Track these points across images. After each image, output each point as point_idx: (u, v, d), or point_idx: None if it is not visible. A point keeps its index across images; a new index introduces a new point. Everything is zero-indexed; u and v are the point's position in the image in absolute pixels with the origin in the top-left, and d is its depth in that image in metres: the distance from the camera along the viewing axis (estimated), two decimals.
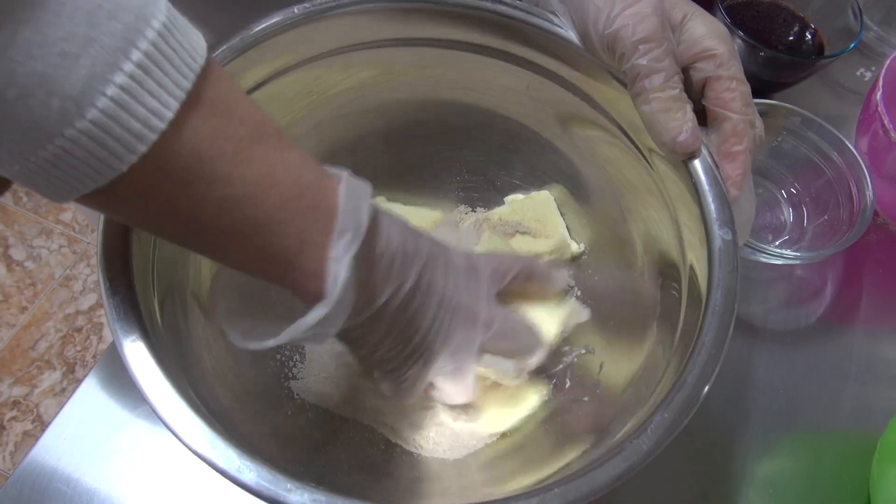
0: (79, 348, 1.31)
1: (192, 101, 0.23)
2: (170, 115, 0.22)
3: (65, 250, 1.43)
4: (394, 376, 0.36)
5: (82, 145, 0.21)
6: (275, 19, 0.37)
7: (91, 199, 0.24)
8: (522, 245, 0.48)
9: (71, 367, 1.29)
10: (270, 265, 0.28)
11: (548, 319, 0.42)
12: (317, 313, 0.28)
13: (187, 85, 0.23)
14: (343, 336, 0.33)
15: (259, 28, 0.37)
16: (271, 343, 0.29)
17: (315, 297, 0.28)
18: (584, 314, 0.45)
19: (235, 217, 0.26)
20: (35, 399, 1.26)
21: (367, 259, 0.30)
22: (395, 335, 0.33)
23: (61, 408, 0.44)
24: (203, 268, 0.39)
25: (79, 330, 1.33)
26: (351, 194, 0.28)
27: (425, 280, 0.33)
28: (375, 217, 0.30)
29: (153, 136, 0.22)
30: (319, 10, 0.38)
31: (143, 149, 0.22)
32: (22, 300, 1.36)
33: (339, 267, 0.27)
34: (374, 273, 0.30)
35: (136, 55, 0.21)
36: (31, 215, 1.46)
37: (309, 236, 0.28)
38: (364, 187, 0.30)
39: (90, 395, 0.44)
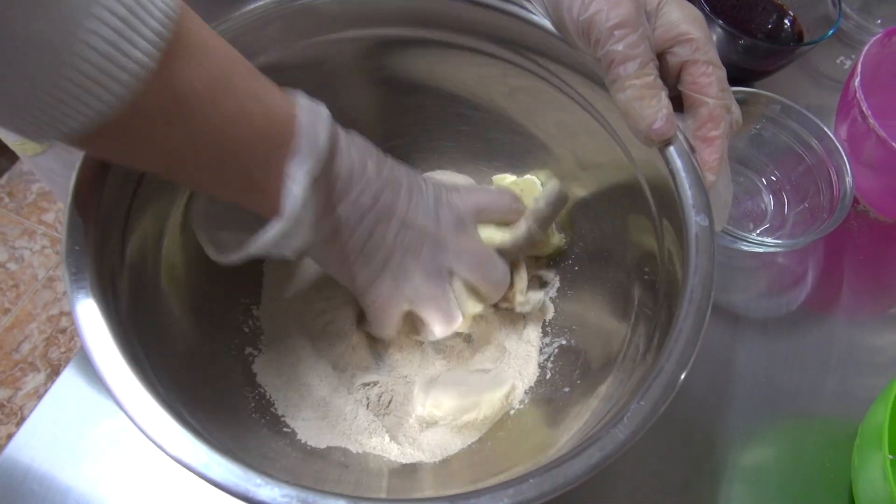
0: (63, 350, 1.30)
1: (170, 47, 0.25)
2: (151, 63, 0.24)
3: (48, 251, 1.41)
4: (365, 300, 0.38)
5: (73, 83, 0.22)
6: (252, 5, 0.37)
7: (75, 139, 0.25)
8: (494, 235, 0.43)
9: (55, 368, 1.28)
10: (238, 190, 0.31)
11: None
12: (276, 227, 0.30)
13: (167, 34, 0.24)
14: (311, 254, 0.35)
15: (237, 14, 0.37)
16: (234, 258, 0.32)
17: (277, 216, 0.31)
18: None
19: (210, 150, 0.28)
20: (19, 401, 1.24)
21: (325, 178, 0.32)
22: (358, 252, 0.35)
23: (35, 407, 0.43)
24: (177, 257, 0.38)
25: (63, 331, 1.32)
26: (310, 119, 0.31)
27: (384, 200, 0.35)
28: (335, 139, 0.32)
29: (133, 82, 0.23)
30: None
31: (124, 93, 0.23)
32: (4, 302, 1.34)
33: (294, 185, 0.30)
34: (332, 191, 0.32)
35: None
36: (13, 216, 1.44)
37: (273, 161, 0.30)
38: (321, 111, 0.32)
39: (65, 393, 0.43)
